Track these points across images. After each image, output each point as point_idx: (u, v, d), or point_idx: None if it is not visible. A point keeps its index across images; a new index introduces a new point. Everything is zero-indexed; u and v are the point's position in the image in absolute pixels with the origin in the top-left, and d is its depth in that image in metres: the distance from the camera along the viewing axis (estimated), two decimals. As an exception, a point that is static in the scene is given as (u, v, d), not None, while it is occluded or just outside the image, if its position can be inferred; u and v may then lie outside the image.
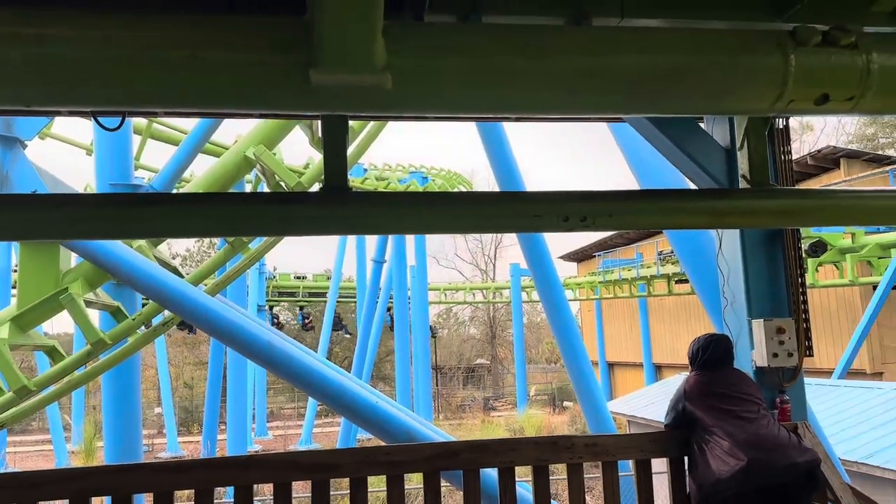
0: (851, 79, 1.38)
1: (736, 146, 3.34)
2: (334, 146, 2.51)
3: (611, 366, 32.81)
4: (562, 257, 37.16)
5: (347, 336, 34.52)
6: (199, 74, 1.77)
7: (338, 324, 30.25)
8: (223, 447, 19.63)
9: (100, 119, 3.99)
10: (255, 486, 3.92)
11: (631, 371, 30.38)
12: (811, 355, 4.35)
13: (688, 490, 3.85)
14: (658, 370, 27.70)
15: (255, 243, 8.58)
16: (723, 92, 1.43)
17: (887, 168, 16.97)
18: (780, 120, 4.16)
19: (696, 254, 5.49)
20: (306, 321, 30.72)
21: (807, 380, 12.38)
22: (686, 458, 3.95)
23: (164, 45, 1.79)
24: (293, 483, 3.79)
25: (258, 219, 2.52)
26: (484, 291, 35.04)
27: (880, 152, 22.57)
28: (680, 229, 3.74)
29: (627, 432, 12.51)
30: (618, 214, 2.67)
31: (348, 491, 3.83)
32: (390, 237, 22.74)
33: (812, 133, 33.90)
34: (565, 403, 34.59)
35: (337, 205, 2.48)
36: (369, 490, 4.57)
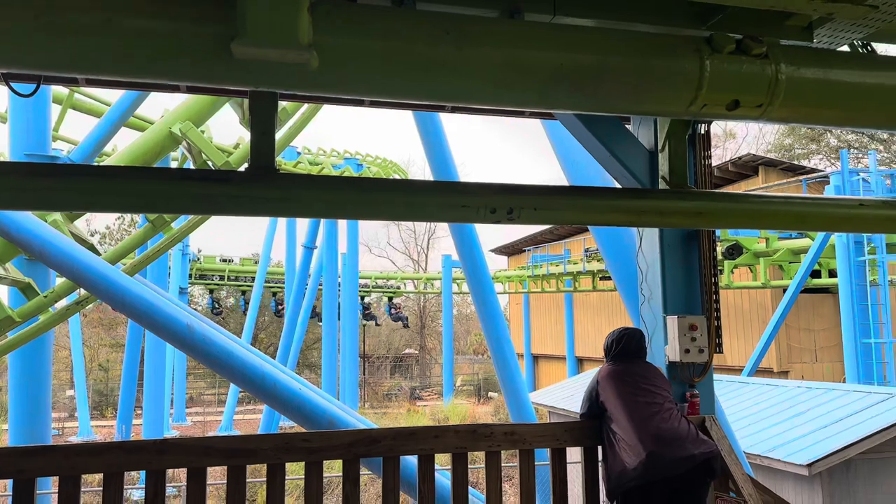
0: (761, 87, 1.46)
1: (658, 148, 3.47)
2: (262, 124, 2.46)
3: (536, 358, 33.49)
4: (493, 250, 37.60)
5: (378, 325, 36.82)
6: (114, 40, 1.69)
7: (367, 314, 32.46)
8: (139, 432, 19.00)
9: (13, 84, 3.78)
10: (169, 471, 3.82)
11: (554, 363, 31.09)
12: (721, 352, 4.57)
13: (601, 478, 3.99)
14: (580, 363, 28.46)
15: (179, 223, 8.31)
16: (642, 92, 1.48)
17: (801, 177, 17.92)
18: (702, 126, 4.34)
19: (617, 251, 5.68)
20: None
21: (718, 376, 13.01)
22: (599, 448, 4.09)
23: (79, 6, 1.71)
24: (209, 469, 3.72)
25: (178, 196, 2.44)
26: (415, 281, 35.08)
27: (796, 162, 23.77)
28: (600, 226, 3.85)
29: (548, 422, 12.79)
30: (542, 209, 2.72)
31: (265, 478, 3.79)
32: (322, 223, 22.45)
33: (734, 141, 35.43)
34: (490, 394, 35.10)
35: (262, 185, 2.43)
36: (288, 477, 4.52)
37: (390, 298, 33.91)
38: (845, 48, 3.12)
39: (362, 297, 32.65)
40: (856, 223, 2.97)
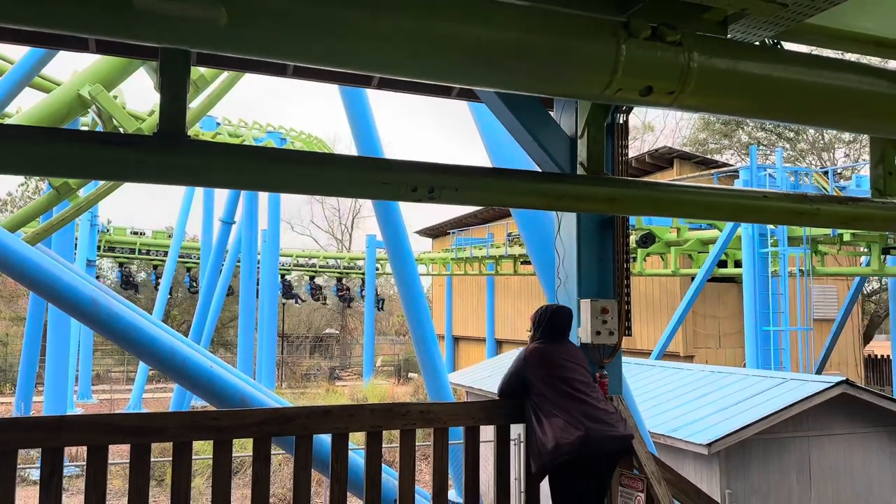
0: (673, 74, 1.49)
1: (578, 135, 3.54)
2: (172, 87, 2.33)
3: (456, 339, 33.87)
4: (418, 232, 37.62)
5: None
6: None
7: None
8: (40, 410, 18.04)
9: None
10: (72, 450, 3.64)
11: (474, 345, 31.54)
12: (630, 335, 4.73)
13: (525, 456, 4.02)
14: (499, 345, 28.99)
15: (87, 190, 7.87)
16: (558, 73, 1.49)
17: (713, 170, 18.74)
18: (620, 115, 4.45)
19: (537, 236, 5.77)
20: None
21: (628, 359, 13.49)
22: (513, 426, 4.18)
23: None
24: (114, 448, 3.57)
25: (78, 160, 2.28)
26: (338, 261, 34.69)
27: (709, 156, 24.83)
28: (519, 208, 3.91)
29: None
30: (463, 189, 2.72)
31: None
32: (241, 197, 21.81)
33: (653, 133, 36.67)
34: (410, 375, 35.29)
35: (170, 152, 2.31)
36: (200, 457, 4.40)
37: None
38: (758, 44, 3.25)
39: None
40: (759, 214, 3.12)
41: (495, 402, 4.59)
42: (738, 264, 15.34)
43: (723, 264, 16.39)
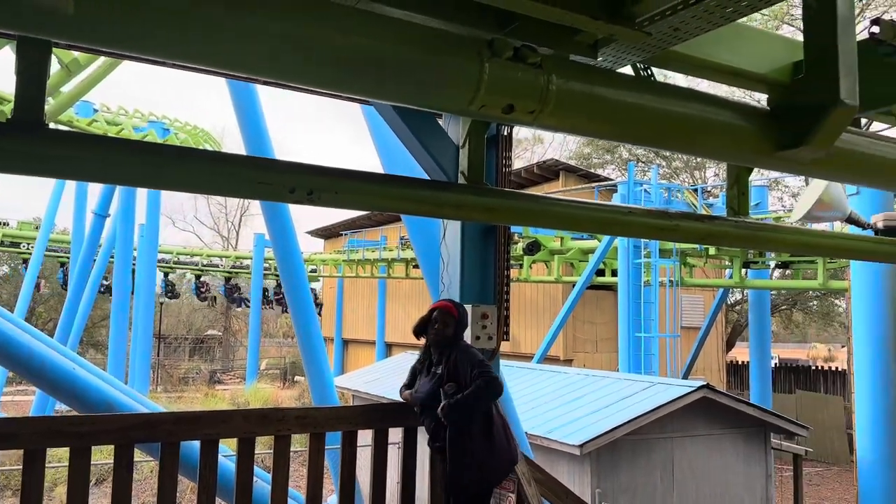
0: (533, 94, 1.57)
1: (460, 145, 3.62)
2: (29, 72, 2.17)
3: (346, 342, 33.51)
4: (310, 233, 36.96)
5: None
6: None
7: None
8: None
9: None
10: None
11: (364, 348, 31.34)
12: (508, 339, 4.88)
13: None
14: (389, 348, 28.97)
15: (-65, 176, 7.14)
16: (423, 87, 1.53)
17: (594, 184, 19.66)
18: (505, 128, 4.59)
19: (425, 241, 5.85)
20: None
21: (511, 362, 13.80)
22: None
23: None
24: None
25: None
26: (223, 259, 33.40)
27: (592, 170, 26.03)
28: (399, 213, 3.95)
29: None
30: (344, 193, 2.71)
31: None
32: (118, 189, 20.56)
33: (542, 145, 37.98)
34: (297, 378, 34.54)
35: (25, 140, 2.14)
36: (62, 464, 4.10)
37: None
38: (628, 69, 3.46)
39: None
40: (625, 228, 3.32)
41: (376, 406, 4.60)
42: (615, 273, 16.16)
43: (601, 273, 17.20)
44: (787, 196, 26.03)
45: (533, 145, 38.65)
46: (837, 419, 20.57)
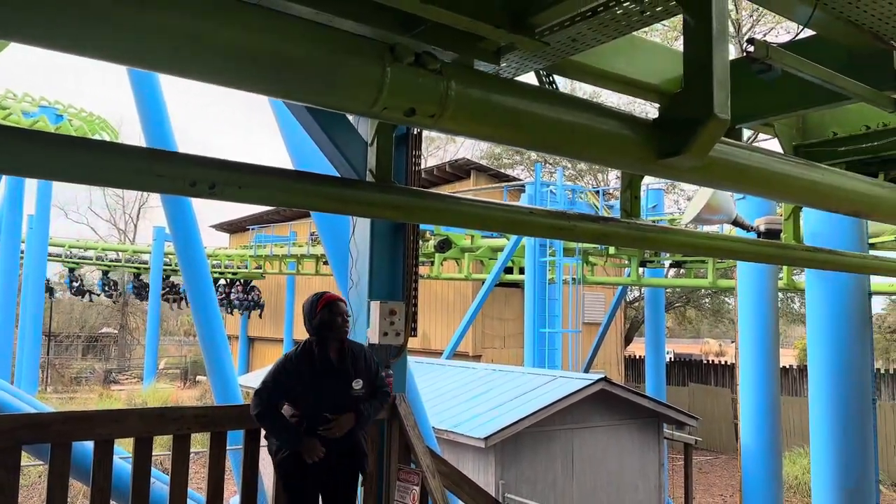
0: (433, 99, 1.63)
1: (369, 143, 3.65)
2: None
3: (252, 340, 32.67)
4: (214, 226, 35.75)
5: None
6: None
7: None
8: None
9: None
10: None
11: (272, 346, 30.66)
12: (415, 335, 4.95)
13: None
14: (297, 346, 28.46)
15: None
16: (327, 86, 1.56)
17: (503, 184, 20.09)
18: (414, 127, 4.65)
19: (334, 236, 5.83)
20: None
21: (421, 358, 13.89)
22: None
23: None
24: None
25: None
26: (120, 253, 31.75)
27: (502, 170, 26.56)
28: (305, 209, 3.92)
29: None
30: (248, 187, 2.69)
31: None
32: (4, 177, 19.20)
33: (455, 144, 38.34)
34: (199, 377, 33.38)
35: None
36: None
37: (72, 270, 29.75)
38: (532, 77, 3.60)
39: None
40: (526, 227, 3.45)
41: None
42: (522, 271, 16.59)
43: (509, 271, 17.60)
44: (682, 199, 27.47)
45: (445, 144, 38.97)
46: (725, 410, 21.95)
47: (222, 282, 28.73)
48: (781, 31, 21.36)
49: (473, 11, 2.22)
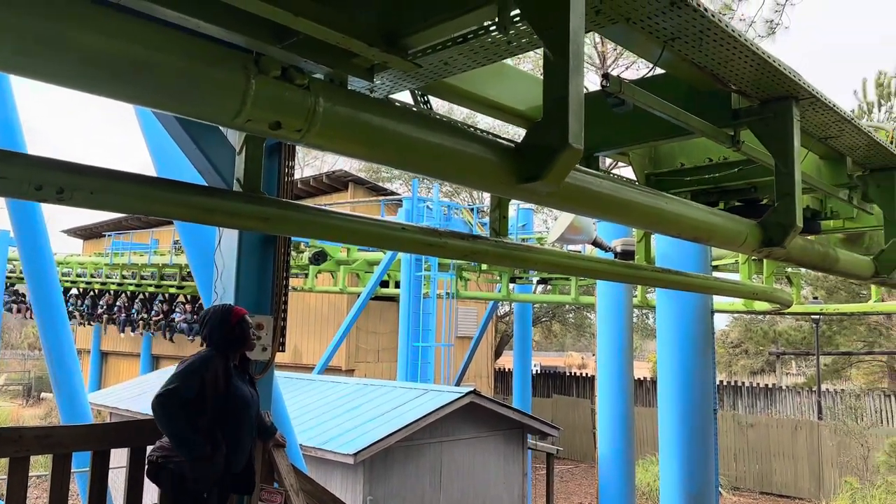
0: (300, 114, 1.62)
1: (237, 151, 3.55)
2: None
3: (105, 354, 30.41)
4: (67, 231, 33.11)
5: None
6: None
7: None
8: None
9: None
10: None
11: (126, 361, 28.70)
12: (283, 350, 4.85)
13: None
14: (156, 360, 26.86)
15: None
16: (187, 95, 1.51)
17: (381, 198, 20.12)
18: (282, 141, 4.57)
19: (198, 246, 5.60)
20: None
21: (291, 374, 13.55)
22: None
23: None
24: None
25: None
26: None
27: (381, 184, 26.57)
28: (165, 218, 3.75)
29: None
30: (101, 192, 2.53)
31: None
32: None
33: (334, 155, 37.94)
34: (43, 395, 30.62)
35: None
36: None
37: None
38: (407, 96, 3.66)
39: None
40: (397, 243, 3.49)
41: (132, 423, 4.29)
42: (398, 285, 16.63)
43: (385, 284, 17.60)
44: (550, 218, 28.74)
45: (323, 155, 38.46)
46: (586, 420, 23.08)
47: (159, 297, 22.45)
48: (642, 64, 23.03)
49: (347, 28, 2.23)
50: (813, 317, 22.29)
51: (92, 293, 25.40)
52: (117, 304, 24.12)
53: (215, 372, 3.62)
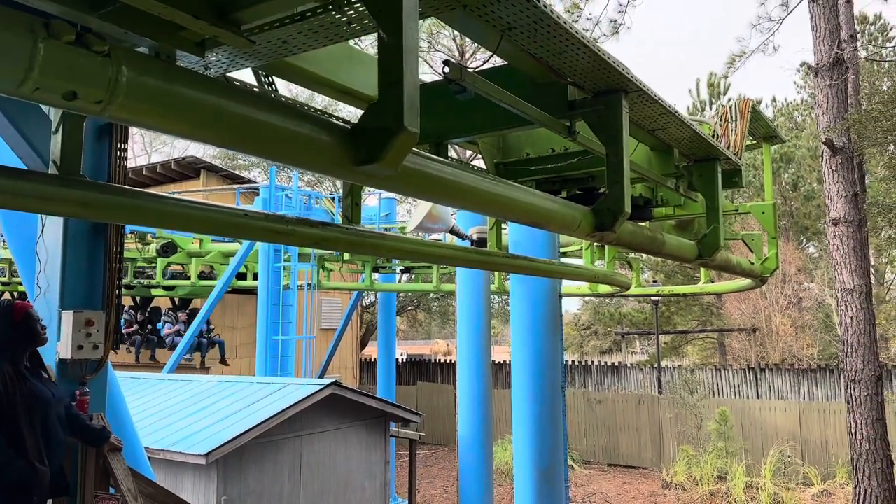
0: (100, 84, 1.48)
1: (53, 130, 3.24)
2: None
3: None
4: None
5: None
6: None
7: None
8: None
9: None
10: None
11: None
12: (117, 349, 4.52)
13: None
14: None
15: None
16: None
17: (236, 186, 19.31)
18: (81, 113, 4.23)
19: (21, 237, 5.09)
20: None
21: (138, 374, 12.68)
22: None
23: None
24: None
25: None
26: None
27: (237, 172, 25.50)
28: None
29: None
30: None
31: None
32: None
33: (186, 140, 35.90)
34: None
35: None
36: None
37: None
38: (249, 75, 3.50)
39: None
40: (241, 230, 3.33)
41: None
42: (256, 277, 16.06)
43: (243, 276, 16.93)
44: (414, 208, 28.98)
45: (174, 140, 36.30)
46: (448, 405, 23.58)
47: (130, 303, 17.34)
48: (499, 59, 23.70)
49: (171, -1, 2.08)
50: (653, 299, 24.17)
51: None
52: None
53: (3, 375, 3.40)
